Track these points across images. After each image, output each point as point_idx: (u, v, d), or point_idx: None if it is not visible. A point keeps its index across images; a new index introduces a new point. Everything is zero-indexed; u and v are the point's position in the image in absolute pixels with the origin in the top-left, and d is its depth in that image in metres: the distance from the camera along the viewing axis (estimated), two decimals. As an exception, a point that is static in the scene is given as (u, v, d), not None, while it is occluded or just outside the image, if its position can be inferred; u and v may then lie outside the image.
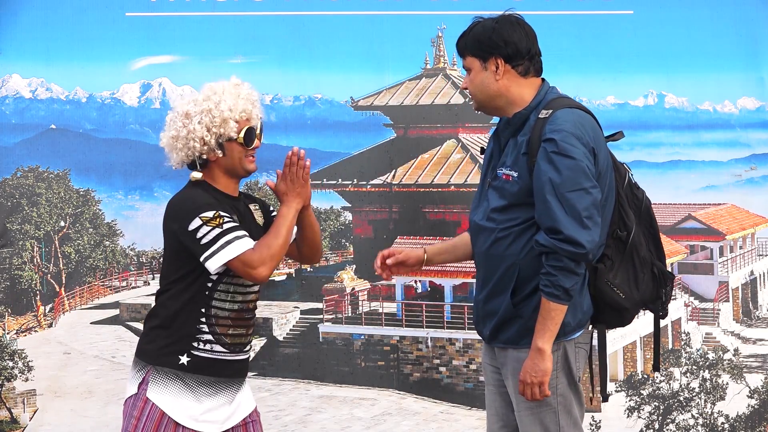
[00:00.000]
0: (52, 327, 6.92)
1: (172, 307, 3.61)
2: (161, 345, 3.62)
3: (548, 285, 3.35)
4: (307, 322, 7.17)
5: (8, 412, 6.72)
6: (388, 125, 7.22)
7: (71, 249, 7.16)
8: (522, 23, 3.63)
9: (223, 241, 3.47)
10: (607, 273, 3.50)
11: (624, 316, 3.60)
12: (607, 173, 3.50)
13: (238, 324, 3.65)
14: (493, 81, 3.57)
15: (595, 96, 6.85)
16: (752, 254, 7.60)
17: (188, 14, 6.83)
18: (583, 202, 3.33)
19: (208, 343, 3.60)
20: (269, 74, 6.85)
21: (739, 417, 6.67)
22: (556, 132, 3.38)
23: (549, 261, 3.35)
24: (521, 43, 3.58)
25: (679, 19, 6.77)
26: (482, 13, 3.69)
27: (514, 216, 3.47)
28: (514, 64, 3.57)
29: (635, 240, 3.56)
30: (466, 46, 3.61)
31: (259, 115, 3.69)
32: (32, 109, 7.00)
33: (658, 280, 3.61)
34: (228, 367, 3.66)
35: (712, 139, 6.91)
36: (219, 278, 3.58)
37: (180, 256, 3.56)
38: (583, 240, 3.31)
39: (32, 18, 6.79)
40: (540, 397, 3.44)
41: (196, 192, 3.59)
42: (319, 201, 7.41)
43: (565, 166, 3.34)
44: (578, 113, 3.48)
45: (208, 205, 3.51)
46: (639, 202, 3.62)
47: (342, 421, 6.73)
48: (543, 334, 3.39)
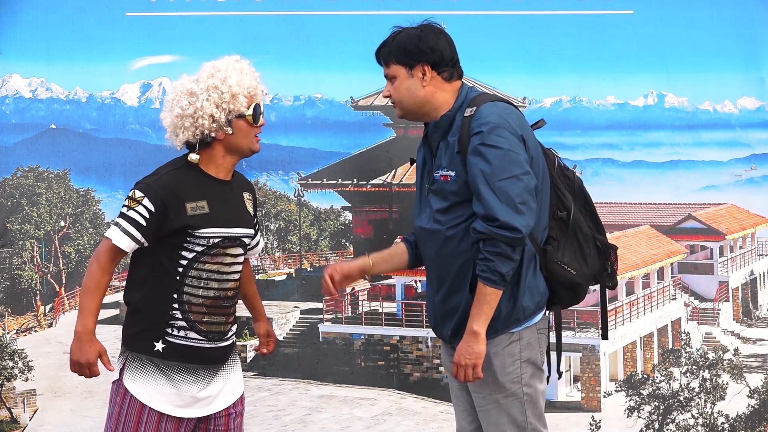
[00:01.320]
0: (52, 327, 6.93)
1: (145, 293, 3.59)
2: (137, 330, 3.61)
3: (485, 270, 3.44)
4: (307, 322, 7.17)
5: (8, 412, 6.72)
6: (388, 125, 7.22)
7: (71, 249, 7.16)
8: (444, 32, 3.72)
9: (116, 222, 3.50)
10: (556, 253, 3.61)
11: (578, 292, 3.69)
12: (539, 159, 3.60)
13: (215, 312, 3.59)
14: (420, 87, 3.66)
15: (595, 96, 6.86)
16: (752, 254, 7.60)
17: (188, 14, 6.83)
18: (515, 189, 3.43)
19: (182, 329, 3.57)
20: (269, 74, 6.80)
21: (739, 417, 6.67)
22: (483, 125, 3.48)
23: (486, 247, 3.44)
24: (446, 50, 3.67)
25: (679, 19, 6.77)
26: (482, 13, 3.70)
27: (459, 214, 3.56)
28: (439, 70, 3.66)
29: (575, 217, 3.67)
30: (390, 54, 3.69)
31: (264, 91, 3.68)
32: (32, 109, 7.00)
33: (603, 253, 3.72)
34: (205, 354, 3.60)
35: (712, 139, 6.91)
36: (189, 264, 3.54)
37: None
38: (518, 225, 3.41)
39: (32, 18, 6.79)
40: (472, 379, 3.52)
41: (173, 173, 3.57)
42: (319, 201, 7.41)
43: (493, 156, 3.44)
44: (501, 105, 3.58)
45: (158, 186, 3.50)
46: (571, 182, 3.73)
47: (342, 421, 6.73)
48: (479, 317, 3.47)
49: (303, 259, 7.62)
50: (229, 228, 3.60)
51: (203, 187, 3.57)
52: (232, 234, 3.61)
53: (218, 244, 3.56)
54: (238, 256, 3.65)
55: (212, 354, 3.63)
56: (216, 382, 3.68)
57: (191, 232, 3.51)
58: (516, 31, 6.86)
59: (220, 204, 3.58)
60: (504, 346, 3.56)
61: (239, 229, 3.63)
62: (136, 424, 3.56)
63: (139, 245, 3.52)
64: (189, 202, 3.52)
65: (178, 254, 3.54)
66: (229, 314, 3.66)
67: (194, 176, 3.58)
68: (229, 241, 3.60)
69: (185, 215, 3.51)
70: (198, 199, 3.54)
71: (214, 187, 3.60)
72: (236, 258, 3.64)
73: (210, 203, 3.56)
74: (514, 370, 3.57)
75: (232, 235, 3.61)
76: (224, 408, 3.72)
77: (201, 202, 3.55)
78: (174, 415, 3.58)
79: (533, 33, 6.67)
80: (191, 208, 3.52)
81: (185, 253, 3.54)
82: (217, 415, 3.71)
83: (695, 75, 6.83)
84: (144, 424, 3.56)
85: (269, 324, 4.06)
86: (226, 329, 3.67)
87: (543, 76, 6.64)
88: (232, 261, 3.63)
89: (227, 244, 3.59)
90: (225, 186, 3.63)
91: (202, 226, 3.52)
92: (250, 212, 3.72)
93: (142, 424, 3.56)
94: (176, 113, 3.55)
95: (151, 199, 3.49)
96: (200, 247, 3.54)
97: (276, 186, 7.27)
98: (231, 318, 3.69)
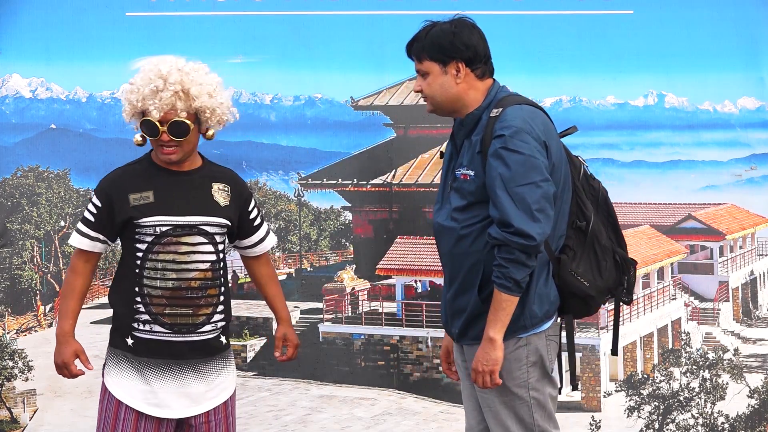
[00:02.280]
0: (52, 327, 6.92)
1: (116, 289, 3.63)
2: (113, 327, 3.64)
3: (500, 277, 3.42)
4: (307, 322, 7.17)
5: (8, 412, 6.72)
6: (388, 125, 7.22)
7: (71, 249, 7.16)
8: (477, 27, 3.68)
9: (77, 225, 3.63)
10: (570, 263, 3.58)
11: (590, 305, 3.66)
12: (561, 166, 3.56)
13: (177, 303, 3.56)
14: (453, 84, 3.62)
15: (595, 96, 6.85)
16: (752, 254, 7.60)
17: (188, 14, 6.83)
18: (533, 196, 3.39)
19: (146, 323, 3.56)
20: (269, 74, 6.85)
21: (739, 417, 6.67)
22: (506, 128, 3.45)
23: (501, 253, 3.42)
24: (479, 46, 3.63)
25: (679, 19, 6.77)
26: (482, 12, 3.70)
27: (475, 214, 3.54)
28: (473, 67, 3.62)
29: (595, 229, 3.62)
30: (425, 49, 3.65)
31: (172, 109, 3.57)
32: (32, 108, 7.00)
33: (620, 266, 3.67)
34: (173, 348, 3.58)
35: (712, 139, 6.91)
36: (144, 255, 3.54)
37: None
38: (533, 232, 3.38)
39: (32, 18, 6.79)
40: (491, 385, 3.51)
41: (125, 168, 3.68)
42: (319, 201, 7.41)
43: (514, 161, 3.41)
44: (528, 109, 3.54)
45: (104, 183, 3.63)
46: (596, 192, 3.69)
47: (342, 420, 6.73)
48: (495, 324, 3.45)
49: (303, 259, 7.62)
50: (179, 216, 3.58)
51: (151, 179, 3.62)
52: (184, 222, 3.58)
53: (168, 233, 3.55)
54: (198, 245, 3.61)
55: (181, 348, 3.59)
56: (196, 382, 3.64)
57: (136, 222, 3.55)
58: (516, 31, 6.85)
59: (169, 193, 3.59)
60: (510, 351, 3.54)
61: (194, 217, 3.60)
62: (114, 421, 3.57)
63: (99, 243, 3.58)
64: (133, 193, 3.59)
65: (134, 247, 3.58)
66: (197, 306, 3.60)
67: (145, 169, 3.65)
68: (181, 229, 3.57)
69: (128, 206, 3.57)
70: (143, 190, 3.59)
71: (165, 177, 3.63)
72: (195, 247, 3.60)
73: (156, 193, 3.58)
74: (521, 375, 3.55)
75: (185, 223, 3.58)
76: (204, 413, 3.68)
77: (146, 193, 3.59)
78: (151, 415, 3.57)
79: (533, 33, 6.67)
80: (134, 198, 3.58)
81: (139, 245, 3.57)
82: (197, 422, 3.67)
83: (695, 75, 6.83)
84: (122, 421, 3.56)
85: (290, 328, 3.99)
86: (196, 321, 3.61)
87: (543, 76, 6.63)
88: (190, 250, 3.59)
89: (180, 233, 3.57)
90: (181, 176, 3.64)
91: (146, 215, 3.55)
92: (218, 202, 3.68)
93: (120, 421, 3.56)
94: (127, 88, 3.69)
95: (97, 195, 3.62)
96: (149, 237, 3.55)
97: (276, 186, 7.27)
98: (203, 310, 3.62)
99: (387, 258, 7.12)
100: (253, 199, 3.89)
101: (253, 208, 3.85)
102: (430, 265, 7.20)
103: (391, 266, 7.19)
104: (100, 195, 3.62)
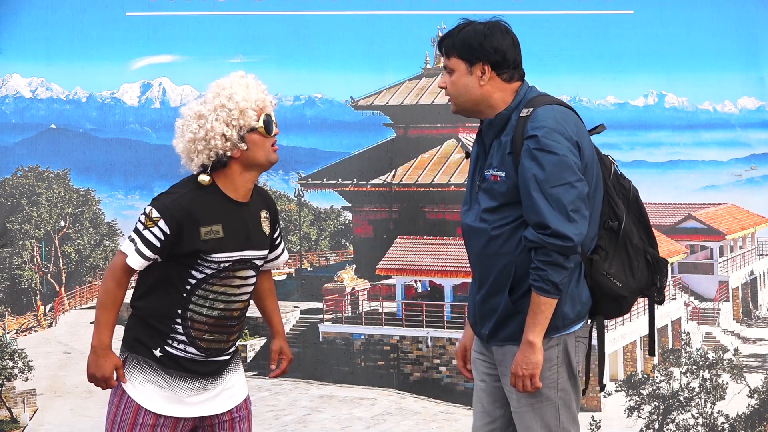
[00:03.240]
0: (52, 327, 6.93)
1: (150, 302, 3.58)
2: (137, 336, 3.60)
3: (538, 279, 3.39)
4: (307, 322, 7.17)
5: (8, 412, 6.72)
6: (388, 125, 7.22)
7: (71, 249, 7.16)
8: (511, 32, 3.65)
9: (132, 238, 3.48)
10: (603, 263, 3.55)
11: (622, 305, 3.63)
12: (593, 166, 3.53)
13: (217, 330, 3.57)
14: (477, 86, 3.58)
15: (595, 96, 6.85)
16: (752, 254, 7.60)
17: (188, 14, 6.83)
18: (568, 196, 3.37)
19: (182, 343, 3.55)
20: (269, 74, 6.84)
21: (739, 417, 6.67)
22: (538, 129, 3.41)
23: (538, 256, 3.39)
24: (509, 52, 3.60)
25: (679, 19, 6.77)
26: (481, 13, 3.69)
27: (506, 215, 3.50)
28: (499, 71, 3.58)
29: (627, 229, 3.59)
30: (454, 47, 3.61)
31: (272, 101, 3.64)
32: (32, 108, 7.00)
33: (652, 266, 3.64)
34: (202, 366, 3.59)
35: (712, 139, 6.91)
36: (198, 283, 3.51)
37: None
38: (570, 233, 3.35)
39: (32, 18, 6.79)
40: (531, 389, 3.48)
41: (192, 194, 3.51)
42: (319, 201, 7.42)
43: (548, 161, 3.37)
44: (559, 109, 3.50)
45: (174, 208, 3.46)
46: (627, 192, 3.66)
47: (342, 420, 6.73)
48: (534, 327, 3.43)
49: (303, 259, 7.63)
50: (241, 251, 3.56)
51: (220, 210, 3.52)
52: (244, 257, 3.57)
53: (229, 268, 3.54)
54: (248, 278, 3.61)
55: (209, 367, 3.62)
56: (215, 385, 3.67)
57: (203, 256, 3.49)
58: (516, 31, 6.87)
59: (235, 227, 3.54)
60: (543, 354, 3.51)
61: (251, 251, 3.59)
62: (132, 425, 3.56)
63: (152, 261, 3.52)
64: (204, 226, 3.47)
65: (188, 273, 3.51)
66: (231, 333, 3.63)
67: (212, 198, 3.53)
68: (239, 264, 3.56)
69: (199, 239, 3.47)
70: (213, 223, 3.49)
71: (231, 209, 3.55)
72: (246, 280, 3.60)
73: (225, 227, 3.51)
74: (551, 375, 3.52)
75: (244, 258, 3.58)
76: (227, 411, 3.70)
77: (216, 226, 3.49)
78: (170, 415, 3.57)
79: (533, 33, 6.67)
80: (205, 232, 3.47)
81: (195, 273, 3.51)
82: (221, 419, 3.69)
83: (695, 75, 6.83)
84: (139, 426, 3.56)
85: (285, 342, 3.97)
86: (227, 346, 3.65)
87: (543, 76, 6.63)
88: (242, 283, 3.59)
89: (238, 267, 3.56)
90: (243, 207, 3.58)
91: (215, 251, 3.49)
92: (265, 232, 3.66)
93: (137, 425, 3.56)
94: (188, 138, 3.49)
95: (167, 221, 3.45)
96: (210, 270, 3.51)
97: (276, 186, 7.27)
98: (234, 336, 3.66)
99: (387, 258, 7.12)
100: (278, 217, 3.88)
101: (278, 226, 3.84)
102: (430, 265, 7.20)
103: (391, 266, 7.19)
104: (170, 222, 3.43)
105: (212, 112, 3.49)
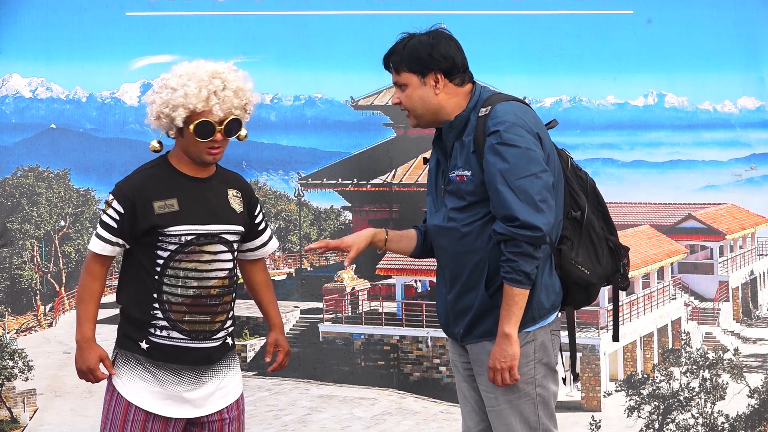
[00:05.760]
0: (52, 326, 6.93)
1: (129, 293, 3.60)
2: (123, 330, 3.62)
3: (510, 271, 3.44)
4: (307, 322, 7.17)
5: (8, 412, 6.72)
6: (388, 125, 7.22)
7: (71, 248, 7.16)
8: (453, 38, 3.71)
9: (97, 231, 3.56)
10: (570, 252, 3.61)
11: (590, 293, 3.70)
12: (554, 158, 3.60)
13: (197, 311, 3.56)
14: (432, 95, 3.64)
15: (595, 96, 6.85)
16: (752, 254, 7.60)
17: (188, 14, 6.83)
18: (534, 187, 3.43)
19: (164, 329, 3.55)
20: (269, 74, 6.84)
21: (739, 417, 6.67)
22: (499, 124, 3.48)
23: (508, 248, 3.44)
24: (457, 57, 3.66)
25: (679, 19, 6.77)
26: (482, 12, 3.70)
27: (475, 212, 3.56)
28: (451, 78, 3.64)
29: (589, 218, 3.66)
30: (403, 61, 3.67)
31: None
32: (32, 108, 7.00)
33: (615, 253, 3.72)
34: (190, 354, 3.58)
35: (712, 139, 6.91)
36: (165, 263, 3.52)
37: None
38: (539, 223, 3.41)
39: (32, 18, 6.79)
40: (510, 381, 3.51)
41: (145, 173, 3.58)
42: (319, 201, 7.41)
43: (511, 155, 3.43)
44: (516, 104, 3.58)
45: (126, 187, 3.53)
46: (584, 182, 3.73)
47: (342, 420, 6.73)
48: (509, 319, 3.47)
49: (303, 259, 7.63)
50: (204, 225, 3.57)
51: (174, 185, 3.56)
52: (208, 231, 3.58)
53: (192, 242, 3.54)
54: (219, 254, 3.61)
55: (198, 354, 3.60)
56: (207, 384, 3.66)
57: (161, 230, 3.50)
58: (516, 31, 6.85)
59: (192, 201, 3.56)
60: (519, 347, 3.56)
61: (217, 225, 3.60)
62: (123, 422, 3.56)
63: (119, 247, 3.53)
64: (157, 200, 3.52)
65: (154, 254, 3.54)
66: (215, 313, 3.61)
67: (166, 174, 3.58)
68: (205, 238, 3.57)
69: (153, 214, 3.51)
70: (167, 198, 3.53)
71: (186, 184, 3.58)
72: (216, 255, 3.60)
73: (181, 201, 3.54)
74: (528, 371, 3.56)
75: (208, 231, 3.58)
76: (217, 412, 3.69)
77: (170, 200, 3.53)
78: (160, 415, 3.57)
79: (533, 33, 6.67)
80: (159, 206, 3.52)
81: (160, 252, 3.54)
82: (210, 419, 3.68)
83: (695, 75, 6.83)
84: (130, 422, 3.56)
85: (282, 335, 3.97)
86: (213, 328, 3.62)
87: (543, 76, 6.63)
88: (212, 258, 3.58)
89: (203, 242, 3.56)
90: (202, 183, 3.61)
91: (171, 224, 3.51)
92: (234, 209, 3.67)
93: (128, 422, 3.56)
94: (148, 99, 3.59)
95: (120, 201, 3.52)
96: (173, 246, 3.53)
97: (276, 186, 7.27)
98: (219, 317, 3.63)
99: (387, 258, 7.12)
100: (259, 203, 3.88)
101: (259, 212, 3.84)
102: (430, 264, 7.20)
103: (391, 266, 7.19)
104: (122, 200, 3.52)
105: (165, 88, 3.55)
